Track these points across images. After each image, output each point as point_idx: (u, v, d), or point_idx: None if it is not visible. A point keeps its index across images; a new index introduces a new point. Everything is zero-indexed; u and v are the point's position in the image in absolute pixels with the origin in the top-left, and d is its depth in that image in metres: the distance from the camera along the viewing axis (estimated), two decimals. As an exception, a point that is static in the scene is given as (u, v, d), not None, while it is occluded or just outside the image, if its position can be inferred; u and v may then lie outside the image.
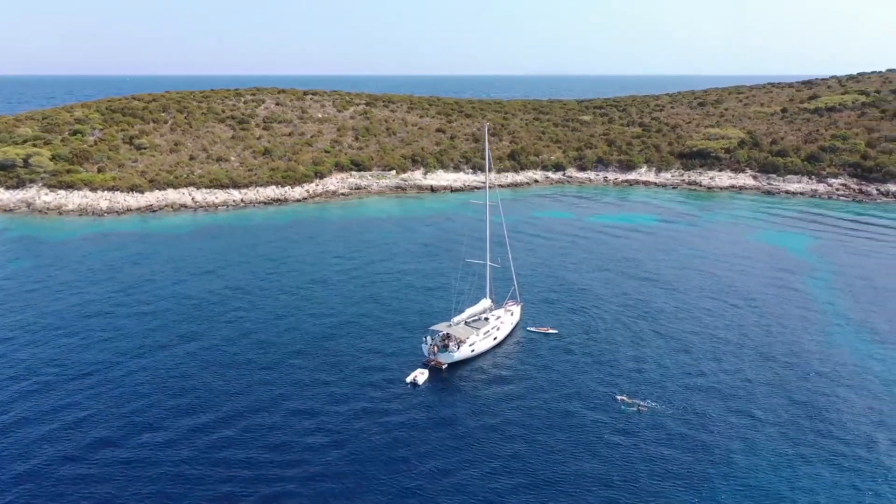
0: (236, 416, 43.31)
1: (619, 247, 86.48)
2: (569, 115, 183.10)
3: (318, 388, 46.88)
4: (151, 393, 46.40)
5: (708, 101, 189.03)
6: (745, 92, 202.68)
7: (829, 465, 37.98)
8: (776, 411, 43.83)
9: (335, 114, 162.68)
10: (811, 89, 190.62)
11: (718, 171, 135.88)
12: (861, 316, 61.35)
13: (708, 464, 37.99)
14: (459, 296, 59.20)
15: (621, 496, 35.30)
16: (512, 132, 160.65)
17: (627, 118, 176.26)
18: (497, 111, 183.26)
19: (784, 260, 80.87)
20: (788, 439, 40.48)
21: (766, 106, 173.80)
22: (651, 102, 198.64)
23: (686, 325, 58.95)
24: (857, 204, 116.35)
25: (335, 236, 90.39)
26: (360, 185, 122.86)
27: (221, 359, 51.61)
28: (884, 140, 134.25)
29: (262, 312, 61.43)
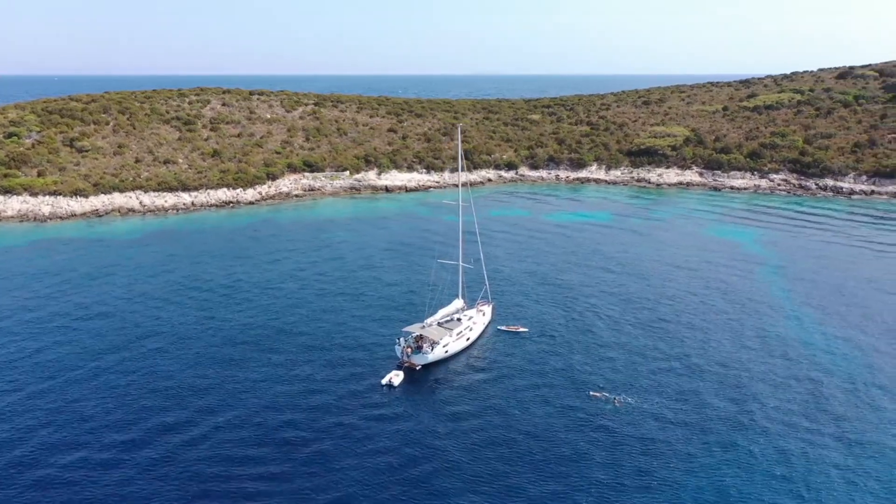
0: (208, 422, 42.05)
1: (580, 244, 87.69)
2: (518, 114, 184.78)
3: (293, 392, 45.94)
4: (117, 397, 44.66)
5: (652, 100, 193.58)
6: (686, 91, 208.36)
7: (804, 442, 39.36)
8: (752, 397, 45.14)
9: (284, 114, 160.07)
10: (749, 88, 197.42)
11: (666, 168, 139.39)
12: (811, 302, 63.76)
13: (687, 452, 38.85)
14: (432, 297, 59.00)
15: (603, 491, 35.74)
16: (463, 131, 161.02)
17: (575, 117, 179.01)
18: (447, 111, 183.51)
19: (736, 252, 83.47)
20: (770, 420, 41.78)
21: (707, 104, 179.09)
22: (597, 101, 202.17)
23: (653, 318, 60.15)
24: (797, 198, 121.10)
25: (294, 238, 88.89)
26: (313, 186, 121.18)
27: (186, 366, 50.05)
28: (819, 137, 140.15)
29: (226, 318, 59.86)
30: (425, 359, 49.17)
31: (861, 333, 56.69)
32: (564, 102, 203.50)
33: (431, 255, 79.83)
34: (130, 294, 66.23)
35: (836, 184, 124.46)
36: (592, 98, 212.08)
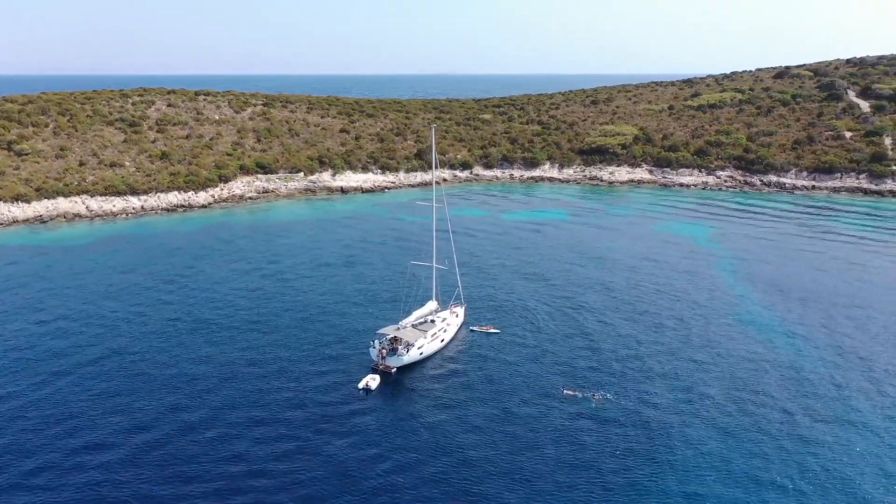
0: (183, 430, 40.77)
1: (542, 243, 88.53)
2: (469, 114, 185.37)
3: (270, 399, 44.93)
4: (82, 412, 42.84)
5: (600, 100, 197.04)
6: (632, 90, 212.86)
7: (761, 433, 40.62)
8: (720, 388, 46.33)
9: (233, 115, 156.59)
10: (692, 87, 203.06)
11: (617, 167, 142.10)
12: (763, 297, 65.95)
13: (663, 444, 39.60)
14: (406, 298, 58.58)
15: (584, 487, 36.15)
16: (416, 131, 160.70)
17: (526, 116, 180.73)
18: (398, 111, 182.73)
19: (692, 248, 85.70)
20: (728, 413, 42.92)
21: (653, 104, 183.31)
22: (546, 101, 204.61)
23: (622, 314, 61.18)
24: (743, 194, 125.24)
25: (253, 242, 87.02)
26: (267, 188, 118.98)
27: (155, 373, 48.41)
28: (761, 135, 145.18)
29: (192, 324, 58.16)
30: (400, 361, 48.81)
31: (817, 322, 58.91)
32: (514, 102, 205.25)
33: (398, 257, 79.59)
34: (85, 302, 63.65)
35: (779, 180, 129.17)
36: (542, 98, 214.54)
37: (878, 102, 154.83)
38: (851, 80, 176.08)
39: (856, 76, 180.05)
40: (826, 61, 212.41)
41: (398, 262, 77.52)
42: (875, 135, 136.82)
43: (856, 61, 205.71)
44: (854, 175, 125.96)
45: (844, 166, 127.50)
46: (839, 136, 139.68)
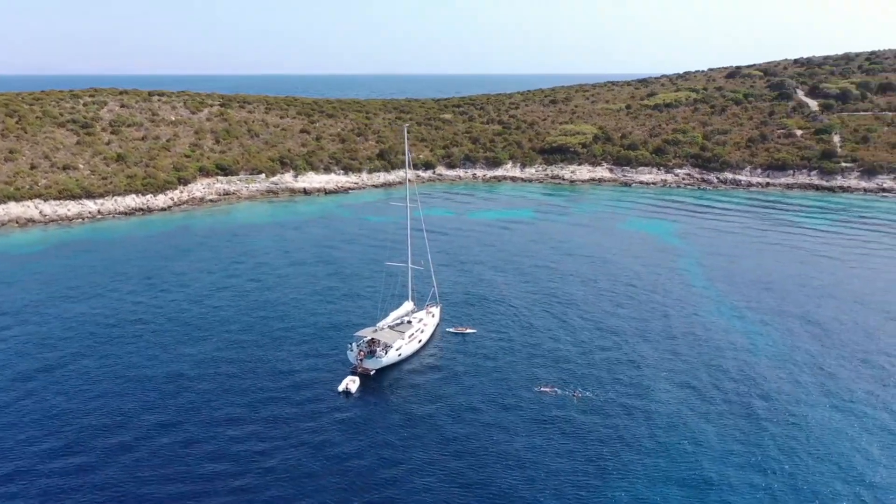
0: (158, 438, 39.65)
1: (511, 242, 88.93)
2: (429, 113, 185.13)
3: (248, 405, 44.01)
4: (56, 416, 41.30)
5: (558, 99, 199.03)
6: (589, 90, 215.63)
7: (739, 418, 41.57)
8: (697, 378, 47.21)
9: (189, 115, 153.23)
10: (648, 87, 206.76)
11: (578, 165, 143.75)
12: (728, 288, 67.54)
13: (644, 434, 40.17)
14: (383, 299, 58.07)
15: (565, 483, 36.43)
16: (377, 132, 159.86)
17: (487, 116, 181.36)
18: (358, 111, 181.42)
19: (657, 244, 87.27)
20: (705, 401, 43.79)
21: (611, 103, 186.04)
22: (506, 101, 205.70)
23: (595, 310, 61.83)
24: (701, 191, 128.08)
25: (218, 245, 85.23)
26: (228, 190, 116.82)
27: (128, 379, 46.96)
28: (717, 133, 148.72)
29: (162, 330, 56.63)
30: (379, 363, 48.42)
31: (779, 315, 60.53)
32: (474, 102, 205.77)
33: (369, 257, 79.16)
34: (47, 308, 61.42)
35: (734, 177, 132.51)
36: (501, 97, 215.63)
37: (826, 101, 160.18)
38: (800, 79, 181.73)
39: (804, 76, 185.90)
40: (775, 61, 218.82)
41: (370, 263, 77.04)
42: (824, 133, 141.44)
43: (803, 61, 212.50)
44: (806, 172, 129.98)
45: (796, 163, 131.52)
46: (790, 134, 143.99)
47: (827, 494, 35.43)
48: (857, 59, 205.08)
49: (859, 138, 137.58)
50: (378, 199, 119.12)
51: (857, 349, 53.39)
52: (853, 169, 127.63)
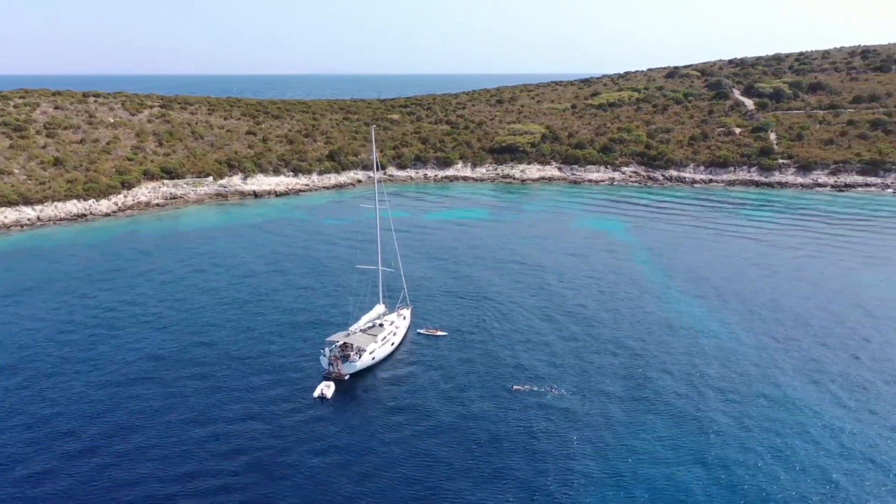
0: (131, 452, 38.15)
1: (469, 241, 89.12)
2: (377, 114, 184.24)
3: (222, 416, 42.76)
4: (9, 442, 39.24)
5: (504, 99, 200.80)
6: (533, 90, 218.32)
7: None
8: (661, 374, 48.31)
9: (129, 117, 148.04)
10: (591, 87, 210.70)
11: (527, 164, 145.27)
12: (682, 283, 69.52)
13: (620, 431, 40.90)
14: (355, 302, 57.28)
15: (547, 481, 36.79)
16: (325, 132, 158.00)
17: (434, 116, 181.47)
18: (304, 112, 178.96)
19: (610, 241, 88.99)
20: (678, 395, 44.92)
21: (556, 102, 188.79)
22: (452, 101, 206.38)
23: (559, 308, 62.56)
24: (648, 188, 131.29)
25: (170, 251, 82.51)
26: (175, 193, 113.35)
27: (90, 395, 44.99)
28: (660, 132, 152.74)
29: (114, 345, 54.45)
30: (353, 367, 47.79)
31: (736, 310, 62.61)
32: (420, 102, 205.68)
33: (330, 260, 78.27)
34: (-9, 324, 58.34)
35: (679, 174, 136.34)
36: (447, 97, 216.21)
37: (761, 100, 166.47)
38: (735, 79, 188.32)
39: (739, 76, 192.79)
40: (711, 62, 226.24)
41: (334, 267, 76.07)
42: (761, 130, 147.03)
43: (737, 62, 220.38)
44: (746, 168, 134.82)
45: (737, 160, 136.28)
46: (730, 132, 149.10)
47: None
48: (787, 59, 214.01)
49: (794, 136, 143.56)
50: (331, 201, 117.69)
51: (814, 333, 55.72)
52: (790, 165, 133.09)
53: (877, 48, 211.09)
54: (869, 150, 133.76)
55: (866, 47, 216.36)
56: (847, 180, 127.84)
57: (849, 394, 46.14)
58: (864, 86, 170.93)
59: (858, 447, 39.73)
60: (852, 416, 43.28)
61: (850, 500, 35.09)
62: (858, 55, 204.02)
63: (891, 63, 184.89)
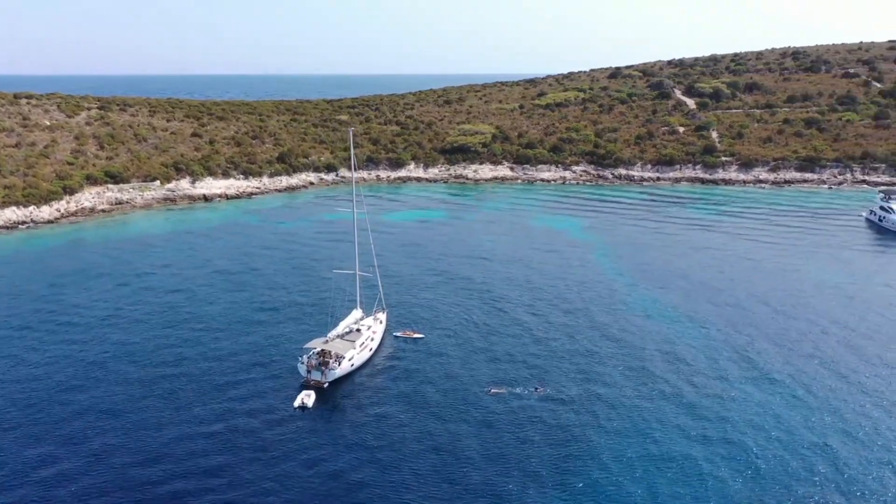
0: (107, 471, 36.52)
1: (431, 241, 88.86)
2: (324, 115, 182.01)
3: (203, 432, 41.25)
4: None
5: (452, 99, 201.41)
6: (480, 90, 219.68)
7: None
8: (635, 370, 49.25)
9: (66, 119, 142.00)
10: (537, 87, 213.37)
11: (480, 164, 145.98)
12: (642, 278, 71.21)
13: (596, 428, 41.52)
14: (332, 308, 56.19)
15: (528, 479, 37.05)
16: (273, 134, 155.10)
17: (383, 117, 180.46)
18: (250, 113, 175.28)
19: (569, 240, 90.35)
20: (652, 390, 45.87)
21: (504, 103, 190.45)
22: (400, 101, 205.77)
23: (529, 307, 62.98)
24: (599, 187, 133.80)
25: (121, 258, 79.33)
26: (121, 199, 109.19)
27: (58, 416, 42.89)
28: (607, 131, 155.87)
29: (87, 355, 52.02)
30: (333, 374, 46.96)
31: (697, 302, 64.45)
32: (368, 102, 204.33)
33: (296, 265, 76.90)
34: (-64, 341, 54.91)
35: (628, 173, 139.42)
36: (395, 98, 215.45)
37: (702, 100, 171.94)
38: (676, 79, 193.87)
39: (679, 76, 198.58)
40: (651, 62, 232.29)
41: (297, 271, 74.80)
42: (703, 129, 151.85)
43: (676, 62, 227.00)
44: (691, 166, 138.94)
45: (682, 158, 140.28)
46: (674, 131, 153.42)
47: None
48: (723, 60, 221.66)
49: (735, 134, 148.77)
50: (285, 205, 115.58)
51: (764, 325, 57.85)
52: (732, 163, 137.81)
53: (806, 49, 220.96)
54: (805, 148, 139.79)
55: (796, 48, 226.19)
56: (786, 176, 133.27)
57: (790, 372, 48.04)
58: (797, 86, 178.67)
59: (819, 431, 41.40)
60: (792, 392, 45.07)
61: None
62: (790, 56, 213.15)
63: (820, 64, 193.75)
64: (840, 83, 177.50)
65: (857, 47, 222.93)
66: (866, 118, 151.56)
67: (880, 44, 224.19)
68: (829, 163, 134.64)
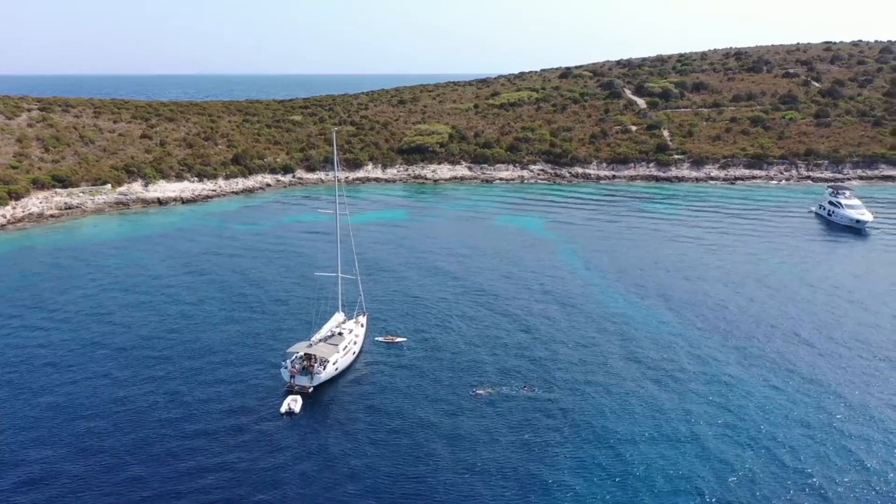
0: (103, 474, 35.04)
1: (398, 243, 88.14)
2: (277, 115, 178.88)
3: (189, 445, 39.95)
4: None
5: (406, 100, 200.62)
6: (433, 90, 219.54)
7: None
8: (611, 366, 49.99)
9: (5, 122, 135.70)
10: (490, 87, 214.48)
11: (438, 164, 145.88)
12: (611, 274, 72.42)
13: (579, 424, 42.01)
14: (316, 312, 55.09)
15: (524, 481, 37.27)
16: (225, 135, 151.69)
17: (337, 117, 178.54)
18: (200, 114, 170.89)
19: (533, 238, 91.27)
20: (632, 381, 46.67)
21: (459, 103, 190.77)
22: (353, 101, 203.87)
23: (506, 305, 63.18)
24: (557, 185, 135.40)
25: (79, 266, 76.17)
26: (71, 203, 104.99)
27: (45, 423, 40.91)
28: (562, 130, 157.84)
29: (49, 365, 49.78)
30: (318, 379, 46.12)
31: (664, 299, 65.87)
32: (321, 102, 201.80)
33: (266, 269, 75.33)
34: None
35: (584, 171, 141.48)
36: (347, 98, 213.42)
37: (652, 99, 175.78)
38: (625, 79, 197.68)
39: (628, 76, 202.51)
40: (600, 62, 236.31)
41: (268, 275, 73.22)
42: (655, 128, 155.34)
43: (624, 62, 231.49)
44: (645, 164, 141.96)
45: (636, 157, 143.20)
46: (626, 130, 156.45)
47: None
48: (669, 60, 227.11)
49: (685, 132, 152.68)
50: (244, 207, 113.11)
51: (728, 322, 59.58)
52: (684, 160, 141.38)
53: (748, 50, 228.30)
54: (752, 146, 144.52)
55: (738, 49, 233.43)
56: (736, 173, 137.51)
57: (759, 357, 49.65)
58: (741, 85, 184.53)
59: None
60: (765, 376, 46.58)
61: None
62: (732, 56, 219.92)
63: (762, 64, 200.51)
64: (781, 83, 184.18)
65: (794, 48, 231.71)
66: (808, 117, 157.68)
67: (816, 45, 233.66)
68: (775, 160, 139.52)
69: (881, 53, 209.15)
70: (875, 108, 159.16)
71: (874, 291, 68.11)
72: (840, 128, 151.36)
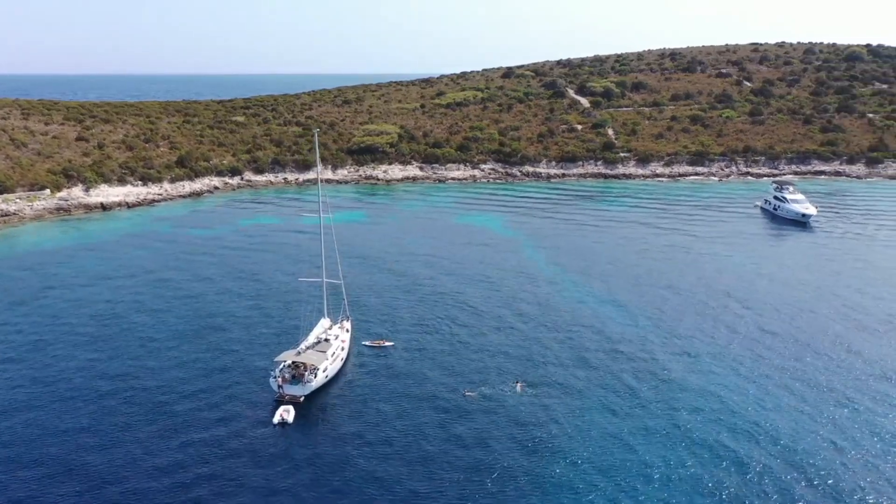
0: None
1: (361, 245, 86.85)
2: (218, 116, 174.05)
3: (180, 459, 38.30)
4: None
5: (350, 100, 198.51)
6: (377, 90, 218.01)
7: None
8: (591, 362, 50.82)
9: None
10: (434, 87, 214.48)
11: (389, 165, 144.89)
12: (567, 265, 73.69)
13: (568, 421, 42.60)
14: (304, 318, 53.56)
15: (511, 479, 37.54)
16: (166, 137, 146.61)
17: (281, 118, 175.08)
18: (137, 115, 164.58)
19: (493, 235, 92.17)
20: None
21: (404, 102, 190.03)
22: (296, 101, 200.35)
23: (481, 303, 63.31)
24: (509, 184, 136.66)
25: (17, 277, 72.19)
26: (6, 210, 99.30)
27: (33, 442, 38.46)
28: (510, 130, 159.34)
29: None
30: (309, 388, 44.99)
31: (625, 288, 67.43)
32: (263, 103, 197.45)
33: (236, 275, 72.99)
34: None
35: (534, 170, 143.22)
36: (289, 98, 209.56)
37: (594, 99, 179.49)
38: (567, 79, 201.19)
39: (570, 76, 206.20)
40: (541, 62, 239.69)
41: (237, 281, 71.03)
42: (600, 126, 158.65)
43: (565, 62, 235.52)
44: (593, 162, 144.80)
45: (584, 155, 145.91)
46: (573, 129, 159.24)
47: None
48: (608, 60, 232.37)
49: (629, 131, 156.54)
50: (193, 210, 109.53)
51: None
52: (630, 158, 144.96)
53: (682, 51, 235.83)
54: (693, 143, 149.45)
55: (673, 50, 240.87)
56: (680, 170, 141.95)
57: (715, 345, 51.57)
58: (678, 85, 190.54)
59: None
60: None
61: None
62: (668, 57, 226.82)
63: (696, 64, 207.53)
64: (715, 82, 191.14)
65: (724, 49, 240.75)
66: (743, 115, 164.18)
67: (745, 46, 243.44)
68: (716, 157, 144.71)
69: (805, 55, 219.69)
70: (804, 107, 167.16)
71: (825, 282, 71.48)
72: (774, 125, 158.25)
